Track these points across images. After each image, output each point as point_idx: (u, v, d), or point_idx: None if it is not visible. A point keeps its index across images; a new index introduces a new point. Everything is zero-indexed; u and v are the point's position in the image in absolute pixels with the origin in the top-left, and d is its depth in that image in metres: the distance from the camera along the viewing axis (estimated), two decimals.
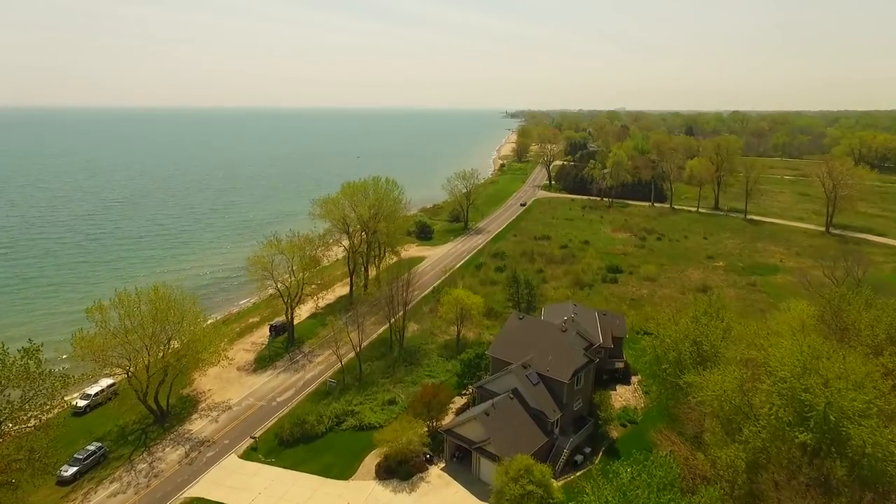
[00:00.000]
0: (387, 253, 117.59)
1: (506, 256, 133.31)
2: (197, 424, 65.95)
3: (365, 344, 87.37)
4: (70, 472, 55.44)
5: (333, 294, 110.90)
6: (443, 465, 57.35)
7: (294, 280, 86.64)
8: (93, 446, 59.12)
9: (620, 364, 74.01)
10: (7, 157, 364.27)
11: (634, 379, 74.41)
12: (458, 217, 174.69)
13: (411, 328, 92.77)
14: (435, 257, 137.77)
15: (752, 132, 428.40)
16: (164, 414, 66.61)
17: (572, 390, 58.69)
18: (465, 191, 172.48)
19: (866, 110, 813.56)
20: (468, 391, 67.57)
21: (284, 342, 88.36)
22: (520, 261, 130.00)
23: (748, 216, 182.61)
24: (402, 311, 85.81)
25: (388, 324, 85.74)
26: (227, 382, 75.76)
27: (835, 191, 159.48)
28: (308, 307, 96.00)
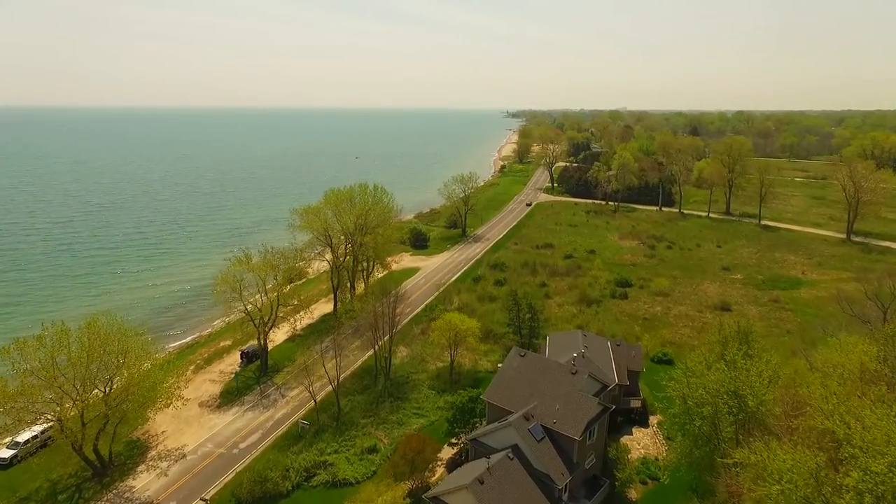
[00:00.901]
0: (375, 267, 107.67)
1: (506, 268, 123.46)
2: (143, 479, 56.20)
3: (346, 373, 77.97)
4: None
5: (317, 311, 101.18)
6: None
7: (266, 301, 76.95)
8: None
9: (637, 403, 64.23)
10: None
11: (653, 420, 64.68)
12: (456, 223, 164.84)
13: (400, 353, 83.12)
14: (430, 269, 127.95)
15: (759, 132, 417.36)
16: (104, 466, 56.91)
17: (584, 447, 49.00)
18: (462, 195, 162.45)
19: (870, 110, 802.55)
20: (460, 440, 57.96)
21: (257, 371, 78.69)
22: (521, 273, 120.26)
23: (762, 222, 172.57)
24: (390, 336, 76.19)
25: (373, 350, 76.19)
26: (186, 423, 66.02)
27: (857, 196, 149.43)
28: (285, 329, 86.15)
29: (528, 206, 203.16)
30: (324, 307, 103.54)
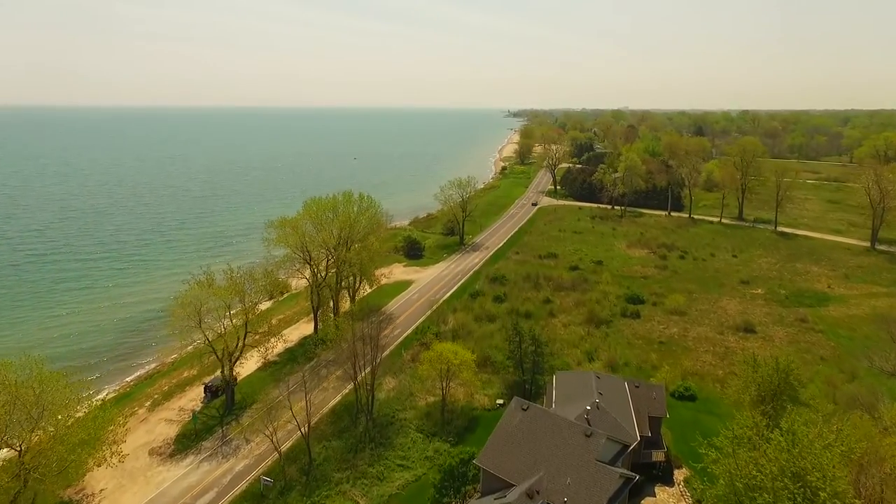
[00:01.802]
0: (362, 283, 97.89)
1: (506, 281, 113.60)
2: None
3: (324, 410, 68.70)
4: None
5: (297, 333, 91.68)
6: None
7: (231, 328, 67.30)
8: None
9: (660, 455, 54.47)
10: None
11: (678, 475, 54.90)
12: (454, 230, 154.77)
13: (386, 385, 73.48)
14: (424, 282, 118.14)
15: (765, 132, 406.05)
16: None
17: None
18: (460, 201, 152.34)
19: (874, 109, 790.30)
20: None
21: (222, 407, 69.08)
22: (523, 287, 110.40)
23: (778, 228, 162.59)
24: (372, 368, 66.59)
25: (353, 384, 66.64)
26: (130, 477, 56.36)
27: (883, 202, 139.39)
28: (256, 358, 76.37)
29: (533, 205, 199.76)
30: (305, 328, 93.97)
